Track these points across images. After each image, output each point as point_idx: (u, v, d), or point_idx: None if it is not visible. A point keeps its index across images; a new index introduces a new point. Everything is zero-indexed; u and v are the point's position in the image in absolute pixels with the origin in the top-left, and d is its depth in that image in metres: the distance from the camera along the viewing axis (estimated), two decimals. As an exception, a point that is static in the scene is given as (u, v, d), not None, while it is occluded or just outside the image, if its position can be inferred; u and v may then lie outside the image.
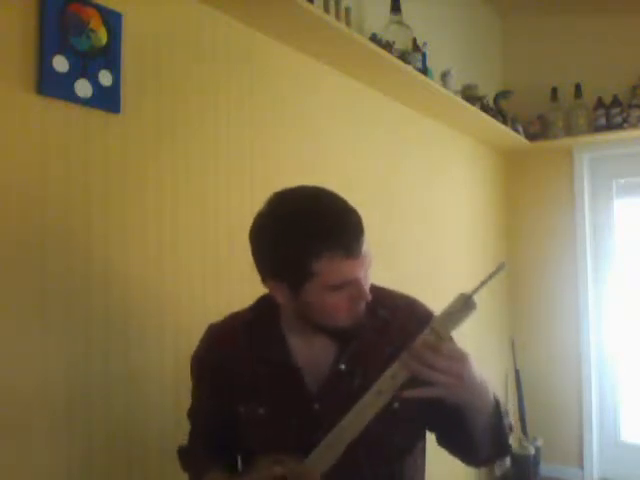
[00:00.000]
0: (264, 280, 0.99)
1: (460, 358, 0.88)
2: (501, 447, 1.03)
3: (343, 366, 1.03)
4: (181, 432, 1.19)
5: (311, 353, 1.05)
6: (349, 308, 0.97)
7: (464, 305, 0.88)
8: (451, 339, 1.02)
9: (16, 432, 1.15)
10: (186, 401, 1.18)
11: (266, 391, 1.04)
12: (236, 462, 1.15)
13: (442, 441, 1.11)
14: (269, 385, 1.04)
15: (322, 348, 1.05)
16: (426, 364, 0.85)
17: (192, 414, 1.18)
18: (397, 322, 1.06)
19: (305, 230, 0.91)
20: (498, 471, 3.20)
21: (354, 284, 0.94)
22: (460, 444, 1.06)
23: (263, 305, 1.11)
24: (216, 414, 1.11)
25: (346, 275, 0.92)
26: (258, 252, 0.98)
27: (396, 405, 0.98)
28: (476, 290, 0.89)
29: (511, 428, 1.06)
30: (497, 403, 0.99)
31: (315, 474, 0.91)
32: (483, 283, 0.89)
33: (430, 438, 1.14)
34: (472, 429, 0.98)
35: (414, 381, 0.88)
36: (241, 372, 1.07)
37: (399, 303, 1.11)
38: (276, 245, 0.94)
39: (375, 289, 1.07)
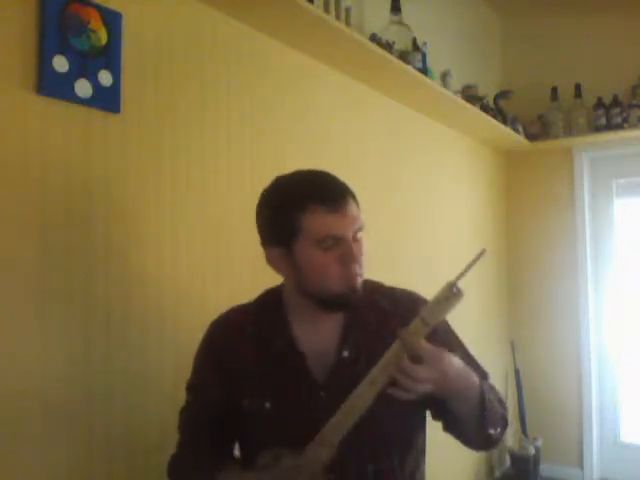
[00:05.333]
0: (265, 249, 1.06)
1: (437, 362, 0.91)
2: (486, 436, 1.04)
3: (346, 353, 1.05)
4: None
5: (315, 340, 1.07)
6: (340, 270, 0.99)
7: (450, 293, 0.90)
8: (447, 326, 1.10)
9: (15, 432, 1.15)
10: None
11: (272, 383, 1.05)
12: (232, 455, 1.15)
13: (445, 428, 1.12)
14: (275, 375, 1.05)
15: (326, 336, 1.07)
16: (410, 377, 0.88)
17: (188, 411, 1.15)
18: (398, 312, 1.07)
19: (291, 190, 1.03)
20: (498, 471, 3.20)
21: (343, 244, 0.99)
22: (456, 431, 1.08)
23: (267, 296, 1.15)
24: (218, 406, 1.10)
25: (330, 229, 0.98)
26: (258, 223, 1.07)
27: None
28: (459, 277, 0.91)
29: (505, 420, 1.07)
30: (482, 394, 1.00)
31: (315, 467, 0.91)
32: (465, 270, 0.91)
33: (430, 439, 1.14)
34: (459, 418, 1.01)
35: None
36: (246, 363, 1.08)
37: (399, 295, 1.14)
38: (268, 210, 1.05)
39: (374, 283, 1.13)
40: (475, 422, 1.01)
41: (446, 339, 1.08)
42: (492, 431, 1.04)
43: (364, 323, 1.07)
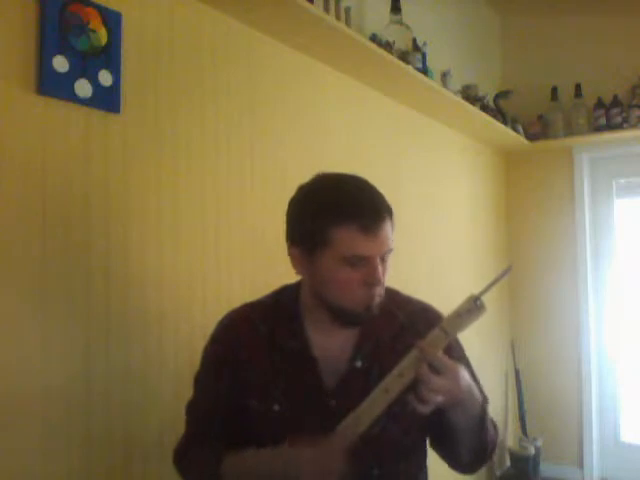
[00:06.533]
0: (287, 244, 1.04)
1: (453, 374, 0.91)
2: (481, 452, 1.05)
3: (359, 363, 1.04)
4: (180, 431, 1.18)
5: (329, 347, 1.05)
6: (360, 290, 0.98)
7: (473, 306, 0.90)
8: (456, 340, 1.09)
9: (15, 432, 1.15)
10: (186, 401, 1.18)
11: (281, 385, 1.04)
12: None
13: (432, 443, 1.12)
14: (285, 378, 1.04)
15: (340, 343, 1.06)
16: (427, 386, 0.89)
17: (194, 405, 1.15)
18: (413, 326, 1.07)
19: (329, 199, 0.98)
20: (498, 471, 3.20)
21: (368, 265, 0.97)
22: (446, 446, 1.08)
23: (283, 293, 1.12)
24: (224, 403, 1.09)
25: (358, 250, 0.95)
26: (288, 219, 1.04)
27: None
28: (484, 292, 0.91)
29: (494, 444, 1.08)
30: (483, 410, 1.01)
31: (341, 444, 0.91)
32: (490, 285, 0.92)
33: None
34: (456, 429, 1.00)
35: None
36: (254, 362, 1.06)
37: (415, 308, 1.13)
38: (301, 210, 1.02)
39: (391, 292, 1.10)
40: (472, 434, 1.01)
41: (458, 356, 1.08)
42: (489, 447, 1.05)
43: (380, 335, 1.06)
